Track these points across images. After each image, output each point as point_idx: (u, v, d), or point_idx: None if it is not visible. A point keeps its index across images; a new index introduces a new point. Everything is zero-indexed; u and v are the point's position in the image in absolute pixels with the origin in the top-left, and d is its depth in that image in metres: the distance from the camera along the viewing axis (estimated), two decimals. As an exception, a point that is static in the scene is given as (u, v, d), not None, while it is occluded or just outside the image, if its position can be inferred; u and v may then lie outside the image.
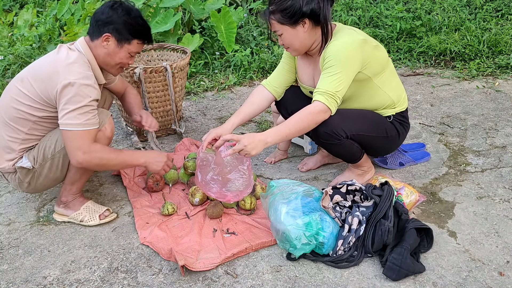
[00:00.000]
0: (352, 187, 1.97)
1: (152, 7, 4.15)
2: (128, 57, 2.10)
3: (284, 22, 2.01)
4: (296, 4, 1.96)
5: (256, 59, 4.16)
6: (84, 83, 1.91)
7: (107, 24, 2.00)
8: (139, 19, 2.06)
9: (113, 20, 2.00)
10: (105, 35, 2.01)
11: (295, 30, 2.02)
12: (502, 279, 1.74)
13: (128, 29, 2.02)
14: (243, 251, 1.91)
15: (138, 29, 2.05)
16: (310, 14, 1.97)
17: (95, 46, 2.04)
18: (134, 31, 2.04)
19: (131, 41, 2.05)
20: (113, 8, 2.01)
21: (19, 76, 2.04)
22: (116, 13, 2.00)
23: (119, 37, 2.03)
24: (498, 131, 2.89)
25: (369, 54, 2.03)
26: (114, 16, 2.00)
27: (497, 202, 2.20)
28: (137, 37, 2.06)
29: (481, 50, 4.10)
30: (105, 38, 2.01)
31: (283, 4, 1.98)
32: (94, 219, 2.15)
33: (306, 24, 2.00)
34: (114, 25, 2.00)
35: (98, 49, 2.04)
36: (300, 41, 2.06)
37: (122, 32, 2.02)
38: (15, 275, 1.88)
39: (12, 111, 2.01)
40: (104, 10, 2.02)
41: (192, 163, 2.37)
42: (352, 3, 4.93)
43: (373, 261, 1.85)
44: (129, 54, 2.09)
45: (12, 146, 2.04)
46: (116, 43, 2.04)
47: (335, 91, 1.98)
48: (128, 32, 2.03)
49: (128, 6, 2.05)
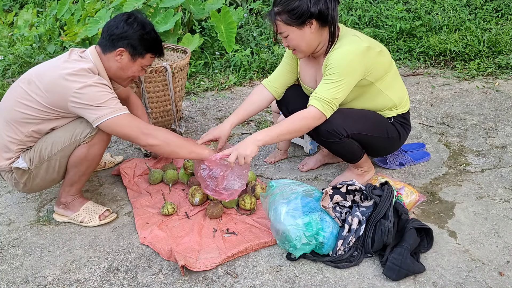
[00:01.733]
0: (352, 187, 1.97)
1: (152, 7, 4.15)
2: (140, 70, 2.11)
3: (291, 23, 1.98)
4: (303, 5, 1.94)
5: (256, 59, 4.16)
6: (100, 82, 1.92)
7: (122, 39, 2.00)
8: (153, 33, 2.06)
9: (128, 35, 2.00)
10: (119, 50, 2.00)
11: (302, 31, 2.00)
12: (502, 279, 1.74)
13: (142, 44, 2.03)
14: (243, 251, 1.91)
15: (152, 43, 2.06)
16: (318, 14, 1.96)
17: (107, 59, 2.04)
18: (148, 46, 2.05)
19: (144, 55, 2.06)
20: (128, 22, 2.00)
21: (26, 78, 2.01)
22: (131, 28, 2.00)
23: (133, 52, 2.03)
24: (498, 131, 2.89)
25: (372, 61, 2.03)
26: (129, 31, 1.99)
27: (497, 202, 2.20)
28: (150, 51, 2.07)
29: (481, 50, 4.10)
30: (119, 53, 2.01)
31: (290, 5, 1.95)
32: (94, 220, 2.15)
33: (313, 25, 1.99)
34: (129, 40, 2.00)
35: (111, 62, 2.05)
36: (306, 42, 2.04)
37: (137, 48, 2.02)
38: (15, 275, 1.88)
39: (15, 113, 1.98)
40: (119, 25, 2.00)
41: (192, 163, 2.37)
42: (352, 3, 4.93)
43: (373, 261, 1.85)
44: (141, 68, 2.11)
45: (9, 146, 2.03)
46: (129, 57, 2.04)
47: (332, 99, 1.98)
48: (143, 47, 2.03)
49: (143, 20, 2.05)
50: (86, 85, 1.88)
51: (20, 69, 4.36)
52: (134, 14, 2.04)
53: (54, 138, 2.01)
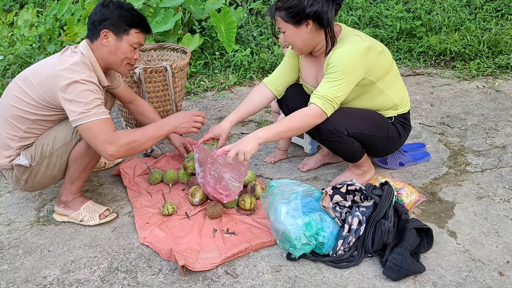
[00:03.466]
0: (352, 187, 1.97)
1: (152, 7, 4.15)
2: (131, 50, 2.11)
3: (288, 20, 2.01)
4: (300, 5, 1.96)
5: (256, 59, 4.16)
6: (88, 80, 1.92)
7: (102, 21, 2.03)
8: (132, 10, 2.09)
9: (107, 15, 2.03)
10: (103, 32, 2.02)
11: (298, 30, 2.03)
12: (502, 279, 1.74)
13: (123, 20, 2.04)
14: (243, 251, 1.91)
15: (133, 18, 2.07)
16: (313, 16, 1.97)
17: (96, 48, 2.06)
18: (130, 21, 2.06)
19: (129, 31, 2.06)
20: (104, 5, 2.05)
21: (22, 75, 2.05)
22: (108, 9, 2.03)
23: (116, 30, 2.04)
24: (498, 131, 2.89)
25: (373, 60, 2.03)
26: (107, 12, 2.03)
27: (497, 202, 2.20)
28: (134, 26, 2.07)
29: (481, 50, 4.10)
30: (104, 35, 2.03)
31: (288, 2, 1.98)
32: (94, 218, 2.15)
33: (310, 26, 2.00)
34: (109, 20, 2.03)
35: (100, 49, 2.06)
36: (301, 41, 2.06)
37: (119, 25, 2.04)
38: (15, 275, 1.88)
39: (12, 109, 2.01)
40: (97, 10, 2.05)
41: (192, 163, 2.37)
42: (352, 3, 4.93)
43: (373, 261, 1.85)
44: (132, 47, 2.10)
45: (9, 143, 2.04)
46: (115, 37, 2.05)
47: (333, 97, 1.98)
48: (125, 23, 2.05)
49: (119, 1, 2.08)
50: (73, 81, 1.89)
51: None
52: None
53: (55, 134, 2.02)
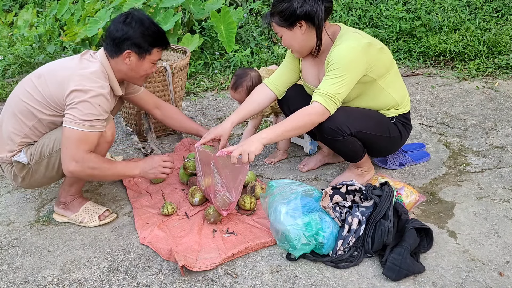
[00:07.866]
0: (352, 187, 1.97)
1: (152, 7, 4.15)
2: (151, 66, 2.12)
3: (282, 24, 2.04)
4: (291, 7, 1.98)
5: (256, 59, 4.16)
6: (98, 92, 1.92)
7: (125, 41, 2.00)
8: (154, 27, 2.06)
9: (130, 35, 2.00)
10: (126, 53, 2.01)
11: (292, 32, 2.05)
12: (502, 279, 1.74)
13: (146, 40, 2.03)
14: (243, 251, 1.91)
15: (155, 37, 2.06)
16: (305, 16, 1.99)
17: (115, 63, 2.05)
18: (152, 40, 2.05)
19: (151, 51, 2.06)
20: (126, 23, 2.01)
21: (37, 72, 2.05)
22: (131, 28, 2.00)
23: (139, 51, 2.03)
24: (498, 131, 2.89)
25: (374, 57, 2.04)
26: (130, 32, 2.00)
27: (497, 202, 2.20)
28: (156, 45, 2.07)
29: (481, 50, 4.10)
30: (127, 55, 2.02)
31: (279, 7, 2.01)
32: (94, 220, 2.15)
33: (303, 27, 2.02)
34: (132, 40, 2.00)
35: (120, 65, 2.06)
36: (298, 42, 2.08)
37: (142, 45, 2.03)
38: (15, 275, 1.88)
39: (21, 103, 2.01)
40: (118, 27, 2.01)
41: (192, 163, 2.37)
42: (352, 3, 4.93)
43: (373, 261, 1.85)
44: (152, 64, 2.11)
45: (13, 138, 2.04)
46: (137, 57, 2.05)
47: (335, 94, 1.98)
48: (147, 43, 2.03)
49: (140, 17, 2.04)
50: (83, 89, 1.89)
51: (20, 69, 4.35)
52: (130, 13, 2.05)
53: (56, 136, 2.02)
